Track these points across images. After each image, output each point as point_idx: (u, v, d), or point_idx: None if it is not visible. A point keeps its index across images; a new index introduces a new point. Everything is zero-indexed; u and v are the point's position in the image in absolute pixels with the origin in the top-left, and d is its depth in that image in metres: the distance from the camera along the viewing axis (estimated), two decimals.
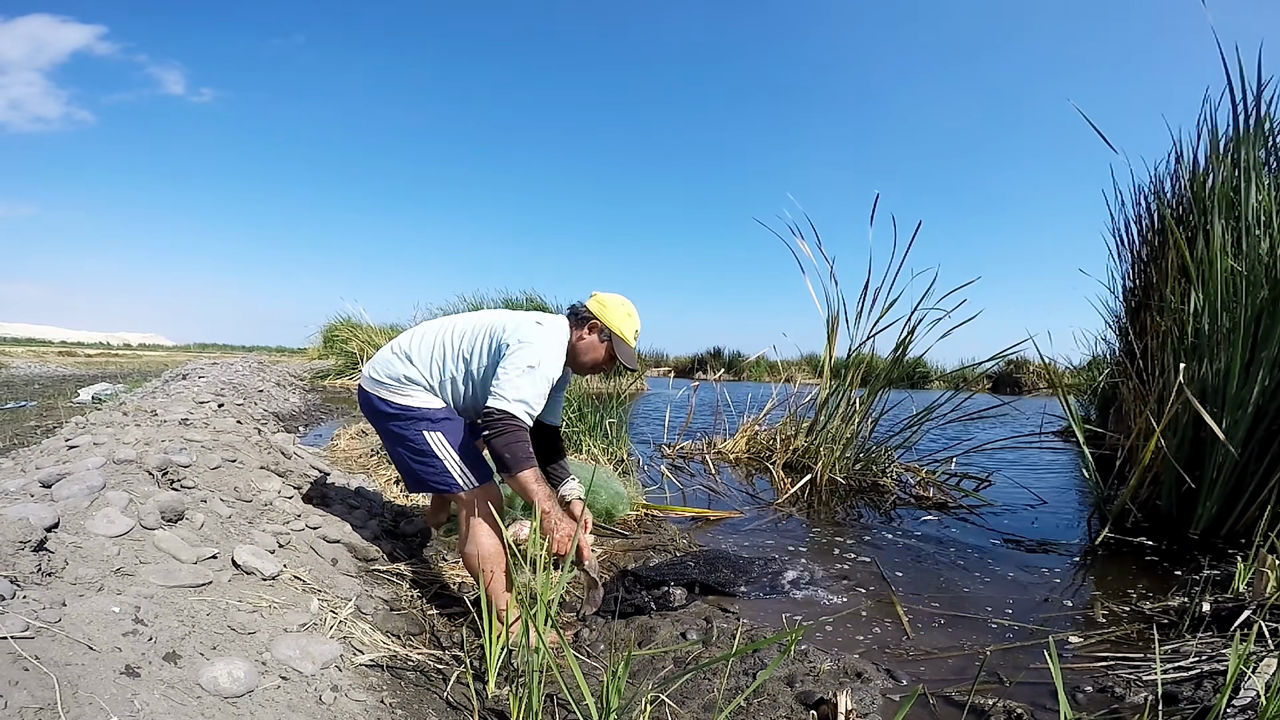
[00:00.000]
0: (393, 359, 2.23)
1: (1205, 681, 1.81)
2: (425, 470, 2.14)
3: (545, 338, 2.14)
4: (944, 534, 3.63)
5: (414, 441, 2.14)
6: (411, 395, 2.17)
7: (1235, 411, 3.14)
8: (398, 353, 2.23)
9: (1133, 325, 4.39)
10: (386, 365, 2.22)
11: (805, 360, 19.88)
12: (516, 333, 2.12)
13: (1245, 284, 3.16)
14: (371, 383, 2.23)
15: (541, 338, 2.13)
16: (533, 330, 2.14)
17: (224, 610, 1.54)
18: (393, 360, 2.22)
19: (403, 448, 2.18)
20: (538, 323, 2.19)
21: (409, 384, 2.17)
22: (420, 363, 2.20)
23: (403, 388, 2.17)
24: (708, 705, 1.74)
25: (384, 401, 2.18)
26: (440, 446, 2.13)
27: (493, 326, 2.20)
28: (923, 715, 1.77)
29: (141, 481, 2.04)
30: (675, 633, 2.21)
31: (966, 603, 2.59)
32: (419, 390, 2.18)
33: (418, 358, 2.20)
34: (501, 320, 2.22)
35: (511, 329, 2.15)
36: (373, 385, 2.23)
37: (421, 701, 1.59)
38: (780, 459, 5.21)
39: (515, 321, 2.19)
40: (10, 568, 1.29)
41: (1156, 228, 4.41)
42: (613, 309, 2.31)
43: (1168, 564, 3.04)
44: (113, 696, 1.06)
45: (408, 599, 2.25)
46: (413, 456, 2.16)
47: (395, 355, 2.23)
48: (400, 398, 2.17)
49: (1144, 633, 2.24)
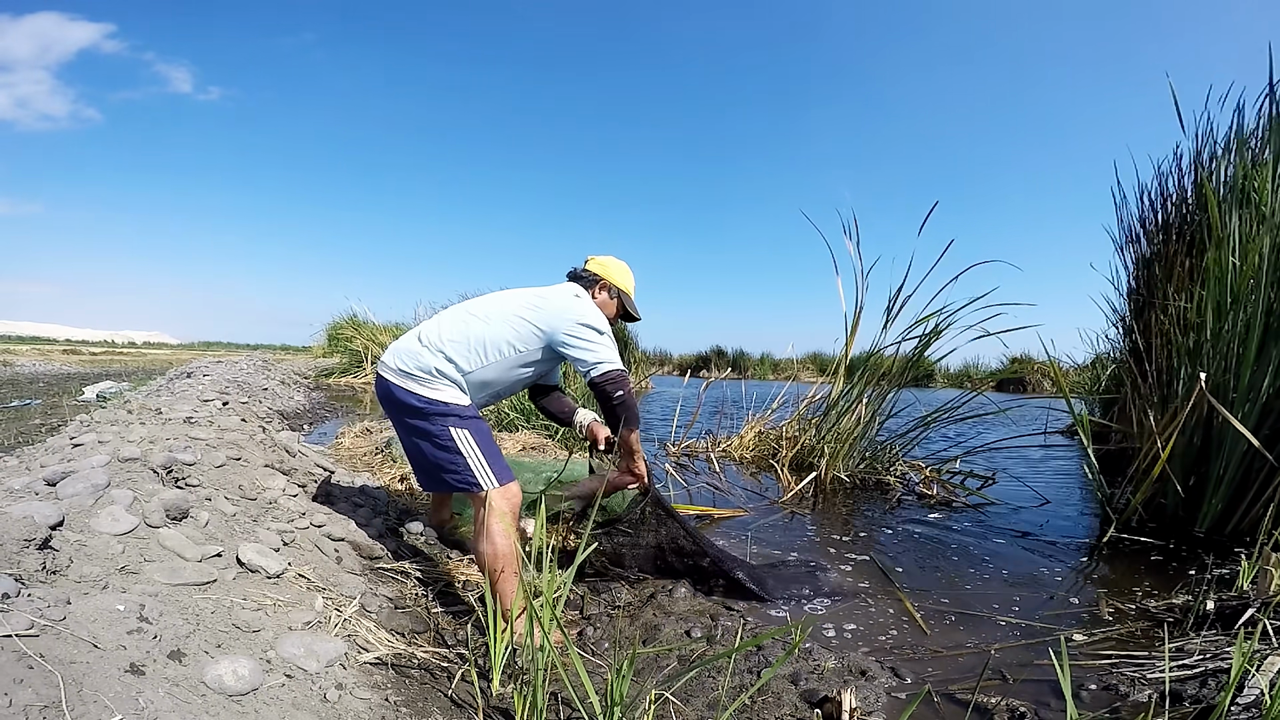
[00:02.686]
0: (422, 351, 2.20)
1: (1209, 680, 1.80)
2: (448, 466, 2.14)
3: (592, 306, 2.35)
4: (949, 532, 3.62)
5: (439, 437, 2.14)
6: (441, 390, 2.16)
7: (1240, 409, 3.12)
8: (428, 344, 2.21)
9: (1137, 323, 4.38)
10: (415, 357, 2.19)
11: (810, 359, 19.89)
12: (570, 310, 2.28)
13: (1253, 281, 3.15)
14: (399, 374, 2.19)
15: (590, 306, 2.33)
16: (581, 303, 2.32)
17: (228, 608, 1.54)
18: (422, 352, 2.19)
19: (426, 442, 2.16)
20: (576, 295, 2.36)
21: (439, 377, 2.16)
22: (457, 353, 2.19)
23: (433, 381, 2.16)
24: (712, 703, 1.74)
25: (411, 394, 2.16)
26: (466, 443, 2.13)
27: (537, 307, 2.29)
28: (927, 714, 1.76)
29: (146, 479, 2.05)
30: (679, 630, 2.21)
31: (971, 600, 2.58)
32: (448, 386, 2.17)
33: (453, 348, 2.19)
34: (541, 298, 2.33)
35: (560, 306, 2.29)
36: (400, 377, 2.19)
37: (426, 699, 1.59)
38: (786, 457, 5.20)
39: (558, 297, 2.34)
40: (15, 566, 1.29)
41: (1161, 225, 4.40)
42: (614, 268, 2.57)
43: (1172, 562, 3.03)
44: (117, 694, 1.06)
45: (412, 597, 2.25)
46: (436, 452, 2.15)
47: (425, 347, 2.20)
48: (430, 391, 2.15)
49: (1149, 631, 2.23)
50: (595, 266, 2.55)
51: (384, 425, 5.63)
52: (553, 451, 5.02)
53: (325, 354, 16.23)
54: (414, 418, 2.17)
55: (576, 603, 2.48)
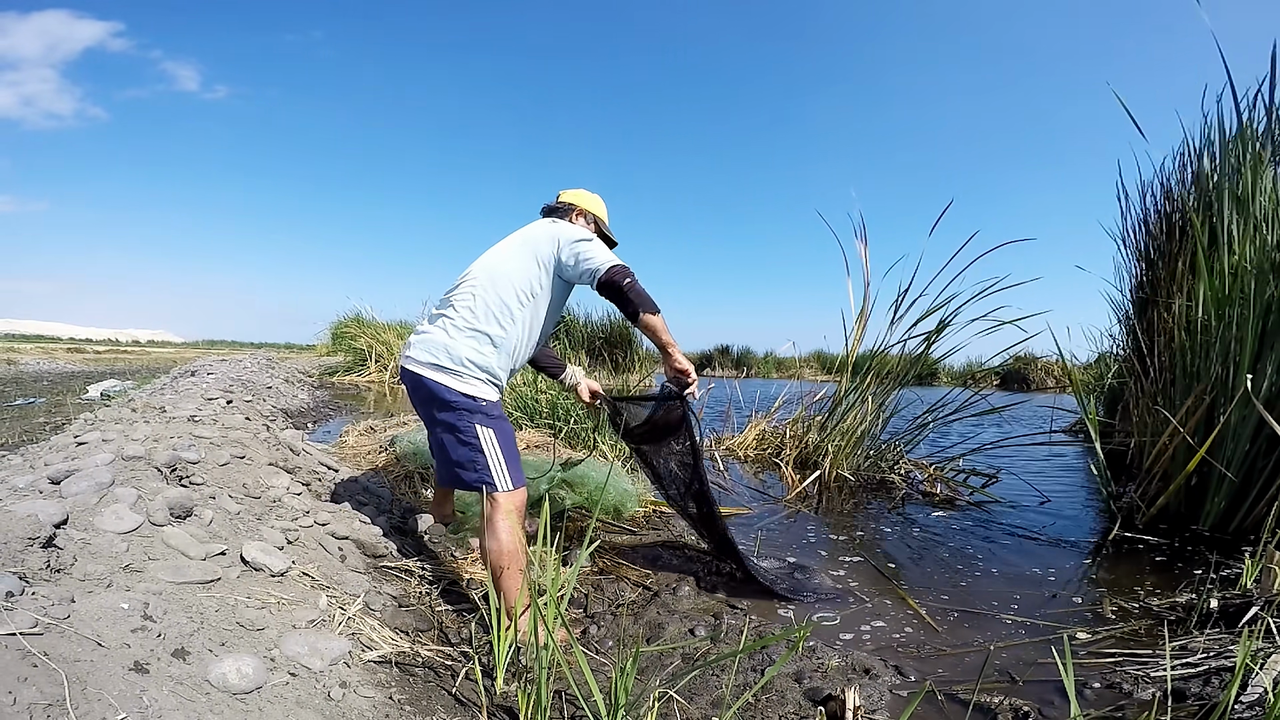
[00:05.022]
0: (451, 340, 2.18)
1: (1213, 678, 1.80)
2: (467, 462, 2.14)
3: (572, 225, 2.42)
4: (952, 530, 3.62)
5: (465, 433, 2.14)
6: (473, 384, 2.16)
7: (1244, 407, 3.12)
8: (456, 330, 2.20)
9: (1140, 322, 4.37)
10: (445, 348, 2.17)
11: (814, 357, 19.87)
12: (558, 232, 2.32)
13: (1254, 278, 3.14)
14: (431, 368, 2.17)
15: (569, 225, 2.39)
16: (564, 224, 2.39)
17: (232, 607, 1.54)
18: (452, 342, 2.18)
19: (450, 436, 2.17)
20: (553, 222, 2.42)
21: (472, 368, 2.16)
22: (489, 328, 2.20)
23: (466, 373, 2.16)
24: (716, 701, 1.74)
25: (444, 388, 2.15)
26: (490, 443, 2.14)
27: (529, 243, 2.33)
28: (931, 712, 1.76)
29: (150, 478, 2.06)
30: (683, 629, 2.21)
31: (975, 599, 2.58)
32: (481, 377, 2.18)
33: (483, 324, 2.20)
34: (526, 239, 2.35)
35: (548, 233, 2.33)
36: (432, 370, 2.16)
37: (430, 698, 1.59)
38: (791, 455, 5.20)
39: (540, 229, 2.38)
40: (19, 564, 1.30)
41: (1164, 223, 4.39)
42: (586, 197, 2.64)
43: (1176, 561, 3.03)
44: (121, 693, 1.06)
45: (416, 595, 2.26)
46: (459, 447, 2.15)
47: (453, 335, 2.19)
48: (463, 385, 2.15)
49: (1152, 629, 2.23)
50: (569, 197, 2.62)
51: (388, 423, 5.64)
52: (556, 450, 5.02)
53: (329, 352, 16.24)
54: (443, 411, 2.17)
55: (580, 601, 2.48)
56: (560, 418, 5.25)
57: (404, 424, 5.49)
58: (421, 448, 3.92)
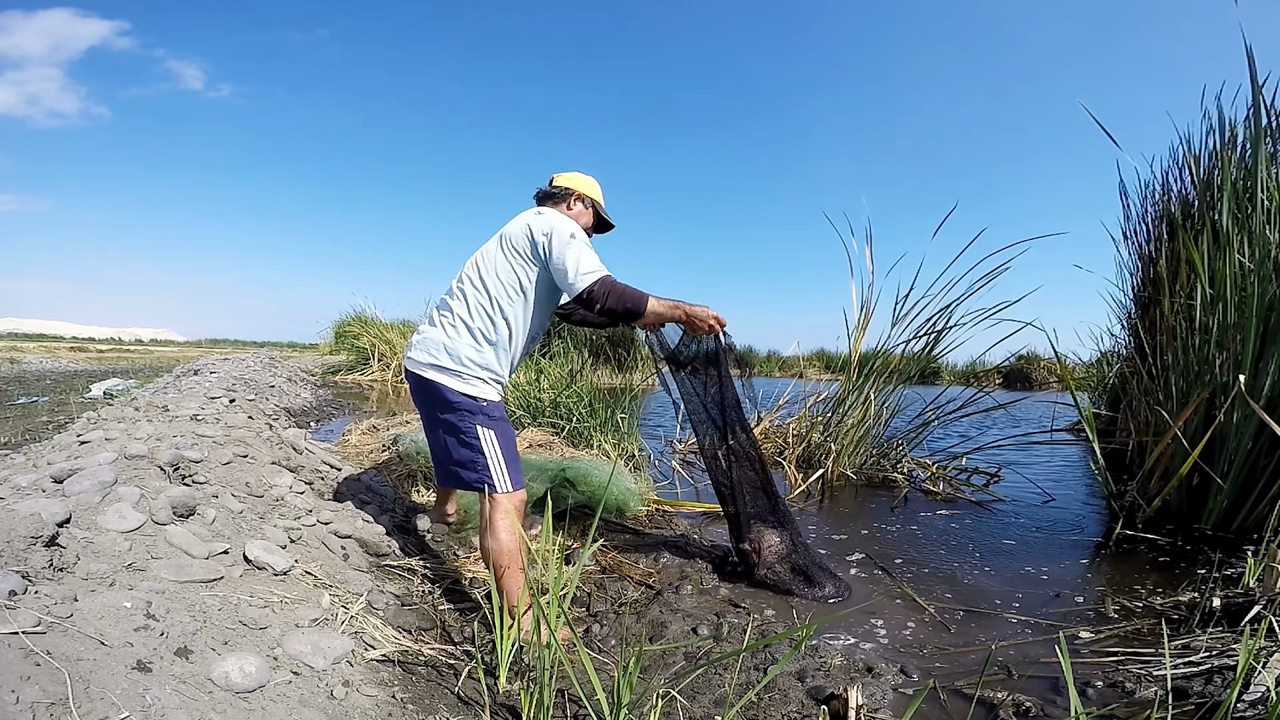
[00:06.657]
0: (449, 339, 2.18)
1: (1215, 677, 1.80)
2: (468, 463, 2.14)
3: (558, 215, 2.29)
4: (954, 529, 3.62)
5: (466, 434, 2.13)
6: (475, 385, 2.16)
7: (1245, 406, 3.11)
8: (454, 328, 2.20)
9: (1142, 321, 4.36)
10: (445, 348, 2.17)
11: (816, 355, 19.86)
12: (536, 228, 2.22)
13: (1256, 277, 3.13)
14: (433, 369, 2.17)
15: (556, 215, 2.28)
16: (545, 216, 2.26)
17: (235, 605, 1.55)
18: (450, 341, 2.18)
19: (452, 437, 2.16)
20: (538, 212, 2.31)
21: (473, 367, 2.15)
22: (484, 326, 2.19)
23: (467, 373, 2.15)
24: (719, 700, 1.74)
25: (446, 388, 2.14)
26: (491, 445, 2.13)
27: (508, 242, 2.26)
28: (933, 710, 1.76)
29: (153, 477, 2.06)
30: (686, 628, 2.21)
31: (978, 597, 2.58)
32: (482, 375, 2.17)
33: (476, 322, 2.19)
34: (504, 236, 2.29)
35: (521, 227, 2.25)
36: (434, 371, 2.16)
37: (433, 696, 1.60)
38: (793, 454, 5.20)
39: (517, 222, 2.29)
40: (22, 563, 1.30)
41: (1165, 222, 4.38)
42: (581, 180, 2.55)
43: (1179, 559, 3.02)
44: (124, 691, 1.07)
45: (419, 594, 2.26)
46: (459, 448, 2.15)
47: (450, 334, 2.19)
48: (465, 386, 2.15)
49: (1155, 628, 2.22)
50: (564, 180, 2.53)
51: (390, 422, 5.64)
52: (559, 449, 5.02)
53: (332, 351, 16.27)
54: (445, 412, 2.17)
55: (583, 600, 2.48)
56: (563, 416, 5.26)
57: (406, 423, 5.50)
58: (424, 447, 3.92)
